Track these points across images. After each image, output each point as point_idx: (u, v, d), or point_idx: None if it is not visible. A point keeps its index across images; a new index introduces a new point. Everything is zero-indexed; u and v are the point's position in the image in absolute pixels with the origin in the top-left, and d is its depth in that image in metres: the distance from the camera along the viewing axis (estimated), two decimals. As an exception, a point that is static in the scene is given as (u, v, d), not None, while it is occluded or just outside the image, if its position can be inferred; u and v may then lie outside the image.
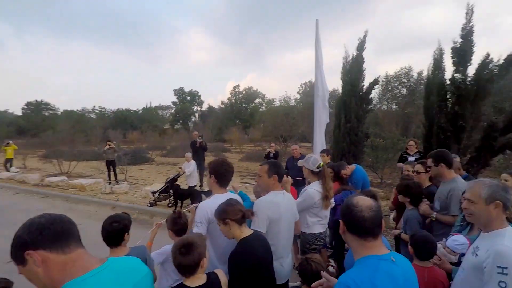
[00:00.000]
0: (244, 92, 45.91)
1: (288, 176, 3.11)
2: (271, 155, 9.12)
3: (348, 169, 4.46)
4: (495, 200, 1.69)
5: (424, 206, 2.98)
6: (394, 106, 23.74)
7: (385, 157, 10.67)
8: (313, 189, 3.02)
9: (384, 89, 23.47)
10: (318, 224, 3.12)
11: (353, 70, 9.09)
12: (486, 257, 1.62)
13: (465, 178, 3.76)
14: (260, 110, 42.85)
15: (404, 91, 23.14)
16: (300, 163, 3.24)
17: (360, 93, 9.13)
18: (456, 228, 2.60)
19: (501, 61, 6.69)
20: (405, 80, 22.96)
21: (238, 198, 2.48)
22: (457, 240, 2.25)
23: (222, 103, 48.02)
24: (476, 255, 1.74)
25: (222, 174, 2.41)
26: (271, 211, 2.38)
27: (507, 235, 1.66)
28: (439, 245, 2.34)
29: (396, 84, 23.36)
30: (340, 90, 9.85)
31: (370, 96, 9.51)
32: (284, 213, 2.47)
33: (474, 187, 1.78)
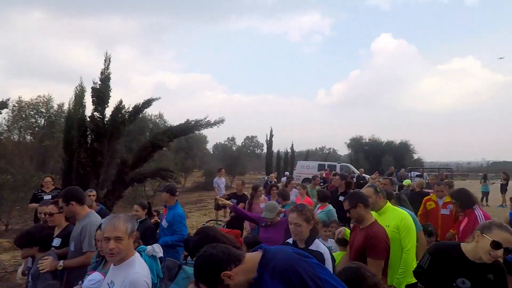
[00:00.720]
0: None
1: None
2: None
3: None
4: (133, 232, 1.86)
5: (46, 261, 2.56)
6: (28, 137, 20.71)
7: (14, 197, 8.84)
8: None
9: (16, 116, 19.94)
10: None
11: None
12: (121, 289, 1.70)
13: (99, 211, 3.94)
14: None
15: (42, 121, 21.03)
16: None
17: (-21, 116, 7.01)
18: (92, 265, 2.57)
19: (131, 109, 8.10)
20: (43, 110, 21.01)
21: None
22: (93, 279, 2.20)
23: None
24: (112, 290, 1.78)
25: None
26: None
27: (136, 261, 1.86)
28: (74, 291, 2.17)
29: (33, 113, 20.74)
30: None
31: (-5, 122, 7.59)
32: None
33: (119, 224, 1.79)
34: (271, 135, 26.07)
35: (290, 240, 2.43)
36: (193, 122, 6.61)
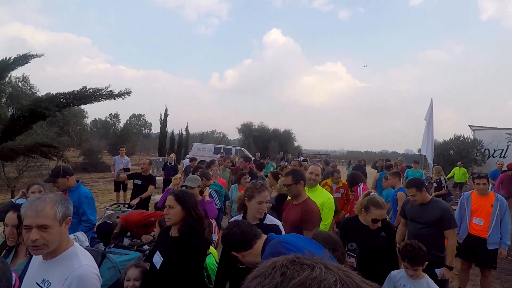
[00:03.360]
0: None
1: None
2: None
3: None
4: (68, 216, 1.48)
5: None
6: None
7: None
8: None
9: None
10: None
11: None
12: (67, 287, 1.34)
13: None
14: None
15: None
16: None
17: None
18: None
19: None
20: None
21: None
22: None
23: None
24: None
25: None
26: None
27: (79, 253, 1.49)
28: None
29: None
30: None
31: None
32: None
33: (44, 209, 1.38)
34: (166, 115, 24.69)
35: (238, 217, 2.44)
36: (90, 91, 5.50)
